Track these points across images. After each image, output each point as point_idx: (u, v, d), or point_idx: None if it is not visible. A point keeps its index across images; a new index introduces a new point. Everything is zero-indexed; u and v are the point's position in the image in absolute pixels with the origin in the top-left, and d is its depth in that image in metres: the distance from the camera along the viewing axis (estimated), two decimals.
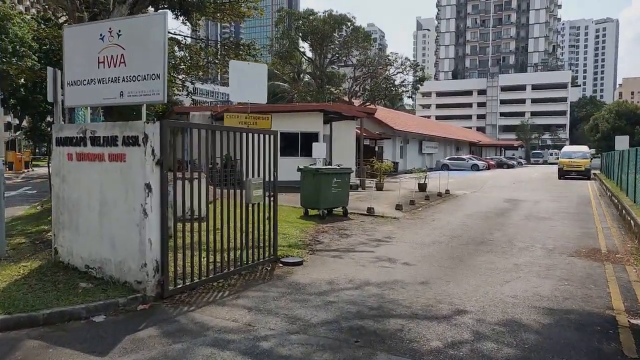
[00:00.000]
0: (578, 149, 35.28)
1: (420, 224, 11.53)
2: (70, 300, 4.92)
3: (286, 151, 20.89)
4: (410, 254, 8.06)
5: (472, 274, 6.79)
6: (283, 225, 10.19)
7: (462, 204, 16.08)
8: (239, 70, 7.86)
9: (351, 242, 9.12)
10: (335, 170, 12.37)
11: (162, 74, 5.41)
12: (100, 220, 5.56)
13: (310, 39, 36.39)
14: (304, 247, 8.34)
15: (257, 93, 7.97)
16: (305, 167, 12.22)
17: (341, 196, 12.28)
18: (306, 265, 7.16)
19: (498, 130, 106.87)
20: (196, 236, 6.09)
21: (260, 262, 6.91)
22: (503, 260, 7.75)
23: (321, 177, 11.67)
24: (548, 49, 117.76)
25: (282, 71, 46.63)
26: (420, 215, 13.07)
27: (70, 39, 6.16)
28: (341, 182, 12.20)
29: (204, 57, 38.56)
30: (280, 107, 24.24)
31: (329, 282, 6.28)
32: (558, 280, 6.54)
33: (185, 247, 5.68)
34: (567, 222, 12.25)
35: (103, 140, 5.49)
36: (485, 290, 5.98)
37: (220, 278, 6.11)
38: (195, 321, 4.77)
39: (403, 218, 12.46)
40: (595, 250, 8.66)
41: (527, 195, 19.32)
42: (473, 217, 12.80)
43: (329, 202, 12.02)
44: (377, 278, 6.50)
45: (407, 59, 37.90)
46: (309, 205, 12.07)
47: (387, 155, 39.72)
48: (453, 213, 13.72)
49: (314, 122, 21.08)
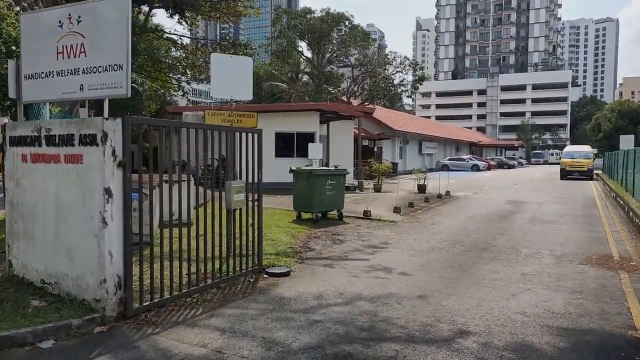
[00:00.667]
0: (580, 148, 34.62)
1: (419, 228, 10.90)
2: (16, 322, 4.30)
3: (282, 152, 20.29)
4: (407, 263, 7.44)
5: (475, 286, 6.17)
6: (273, 230, 9.58)
7: (463, 206, 15.45)
8: (221, 64, 7.22)
9: (345, 248, 8.50)
10: (330, 171, 11.75)
11: (125, 64, 4.79)
12: (56, 229, 4.93)
13: (307, 38, 35.79)
14: (293, 255, 7.71)
15: (241, 89, 7.34)
16: (298, 169, 11.60)
17: (336, 199, 11.66)
18: (293, 276, 6.54)
19: (498, 131, 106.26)
20: (176, 244, 5.48)
21: (242, 273, 6.29)
22: (508, 269, 7.12)
23: (315, 179, 11.05)
24: (548, 48, 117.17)
25: (280, 71, 46.08)
26: (419, 219, 12.44)
27: (27, 27, 5.55)
28: (336, 184, 11.59)
29: (200, 56, 38.07)
30: (276, 107, 23.64)
31: (316, 296, 5.66)
32: (570, 293, 5.92)
33: (154, 259, 5.05)
34: (574, 225, 11.62)
35: (59, 139, 4.87)
36: (490, 306, 5.36)
37: (196, 292, 5.48)
38: (157, 347, 4.15)
39: (401, 222, 11.83)
40: (607, 257, 8.04)
41: (530, 197, 18.69)
42: (475, 221, 12.17)
43: (323, 205, 11.39)
44: (370, 291, 5.88)
45: (405, 58, 37.30)
46: (302, 208, 11.45)
47: (386, 155, 39.10)
48: (454, 216, 13.09)
49: (310, 122, 20.46)
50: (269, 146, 19.99)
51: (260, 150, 6.54)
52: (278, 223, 10.66)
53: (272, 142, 20.08)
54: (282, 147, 20.30)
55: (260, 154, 6.49)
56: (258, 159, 6.50)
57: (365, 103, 37.95)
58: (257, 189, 6.58)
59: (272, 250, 7.84)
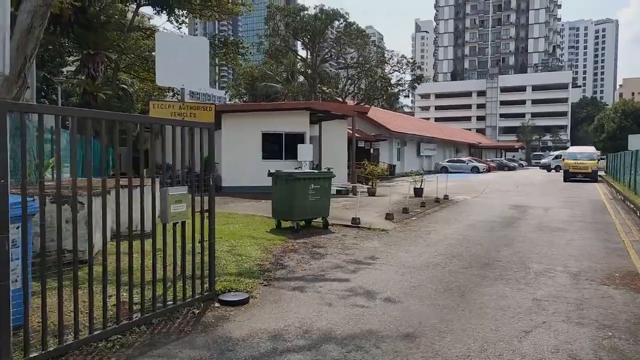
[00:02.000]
0: (584, 149, 33.41)
1: (412, 239, 9.65)
2: None
3: (268, 154, 19.06)
4: (395, 284, 6.19)
5: (477, 318, 4.92)
6: (244, 242, 8.35)
7: (462, 212, 14.21)
8: (169, 45, 5.97)
9: (323, 265, 7.24)
10: (313, 174, 10.50)
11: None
12: None
13: (301, 37, 34.56)
14: (260, 275, 6.46)
15: (195, 75, 6.10)
16: (277, 172, 10.36)
17: (320, 205, 10.42)
18: (252, 305, 5.29)
19: (498, 132, 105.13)
20: (113, 263, 4.24)
21: (187, 302, 5.04)
22: (517, 292, 5.88)
23: (295, 184, 9.81)
24: (548, 49, 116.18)
25: (275, 72, 44.96)
26: (414, 227, 11.20)
27: None
28: (320, 188, 10.35)
29: None
30: (262, 106, 22.40)
31: (273, 335, 4.41)
32: (598, 329, 4.67)
33: (80, 284, 3.81)
34: (586, 234, 10.38)
35: None
36: (498, 351, 4.11)
37: (116, 333, 4.23)
38: None
39: (393, 230, 10.58)
40: (632, 275, 6.79)
41: (534, 201, 17.46)
42: (475, 229, 10.93)
43: (306, 212, 10.15)
44: (344, 327, 4.63)
45: (403, 57, 36.06)
46: (282, 216, 10.21)
47: (383, 157, 37.89)
48: (452, 223, 11.84)
49: (299, 122, 19.25)
50: (255, 148, 18.75)
51: (212, 148, 5.29)
52: (253, 233, 9.43)
53: (258, 144, 18.87)
54: (269, 149, 19.08)
55: (212, 153, 5.24)
56: (201, 159, 5.24)
57: (362, 103, 36.74)
58: (209, 197, 5.32)
59: (234, 269, 6.59)
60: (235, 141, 18.43)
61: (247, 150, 18.41)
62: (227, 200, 15.22)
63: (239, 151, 18.33)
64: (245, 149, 18.40)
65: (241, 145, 18.41)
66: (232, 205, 14.09)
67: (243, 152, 18.34)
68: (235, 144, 18.40)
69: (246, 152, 18.37)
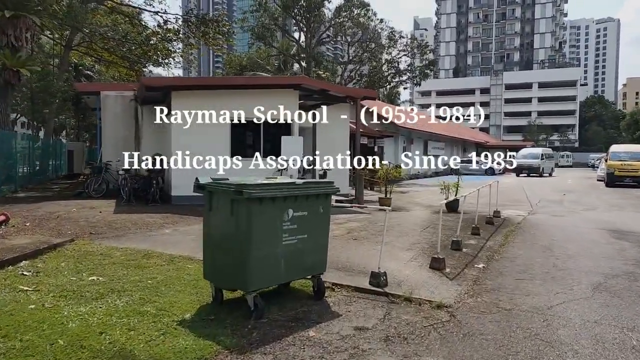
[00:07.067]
0: (631, 148, 28.08)
1: (512, 333, 4.17)
2: None
3: (240, 150, 13.58)
4: None
5: None
6: None
7: (547, 246, 8.69)
8: None
9: None
10: (293, 189, 4.95)
11: None
12: None
13: (293, 12, 29.03)
14: None
15: None
16: (215, 182, 4.85)
17: (308, 251, 4.93)
18: None
19: (502, 131, 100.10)
20: None
21: None
22: None
23: (253, 209, 4.35)
24: (555, 45, 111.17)
25: (266, 60, 39.62)
26: (495, 292, 5.70)
27: None
28: (308, 216, 4.88)
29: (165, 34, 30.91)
30: (231, 80, 16.73)
31: None
32: None
33: None
34: None
35: None
36: None
37: None
38: None
39: (460, 306, 5.07)
40: None
41: (623, 219, 12.05)
42: (616, 293, 5.48)
43: (277, 270, 4.67)
44: None
45: (414, 39, 30.57)
46: (222, 281, 4.74)
47: (388, 156, 32.42)
48: (558, 279, 6.34)
49: (285, 105, 13.73)
50: (219, 139, 13.26)
51: None
52: (151, 326, 3.95)
53: (225, 134, 13.34)
54: (241, 142, 13.58)
55: None
56: None
57: None
58: None
59: None
60: (191, 131, 12.92)
61: (208, 145, 12.92)
62: (165, 221, 9.74)
63: (198, 146, 12.83)
64: (207, 143, 12.91)
65: (200, 137, 12.91)
66: (166, 233, 8.63)
67: (203, 147, 12.84)
68: (192, 135, 12.90)
69: (208, 146, 12.88)
